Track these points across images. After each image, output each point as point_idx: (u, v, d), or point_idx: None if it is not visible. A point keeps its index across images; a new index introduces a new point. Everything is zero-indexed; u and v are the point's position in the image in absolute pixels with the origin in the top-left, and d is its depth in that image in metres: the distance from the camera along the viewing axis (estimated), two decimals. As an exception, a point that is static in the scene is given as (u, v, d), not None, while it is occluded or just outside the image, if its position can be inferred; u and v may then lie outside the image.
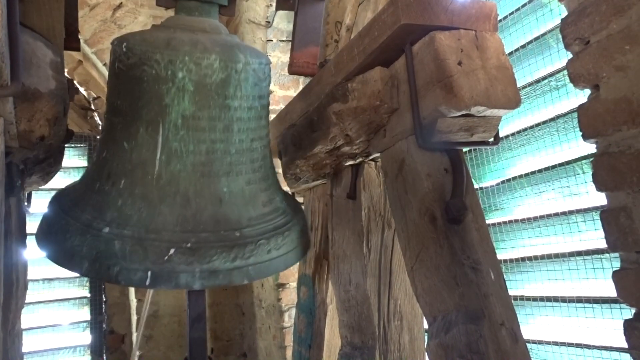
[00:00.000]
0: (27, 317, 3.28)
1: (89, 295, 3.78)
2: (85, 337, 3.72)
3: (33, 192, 1.42)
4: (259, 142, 1.20)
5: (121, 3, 3.42)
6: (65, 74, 1.19)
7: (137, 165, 1.08)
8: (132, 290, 3.90)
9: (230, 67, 1.10)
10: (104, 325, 3.82)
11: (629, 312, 0.99)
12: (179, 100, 1.06)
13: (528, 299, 1.85)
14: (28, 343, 3.33)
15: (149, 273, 1.01)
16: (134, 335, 3.88)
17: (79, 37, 1.38)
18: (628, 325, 0.97)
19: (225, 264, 1.06)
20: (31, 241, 1.24)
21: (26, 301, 1.26)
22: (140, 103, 1.07)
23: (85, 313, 3.75)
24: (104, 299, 3.86)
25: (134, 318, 3.89)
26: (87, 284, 3.80)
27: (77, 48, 1.35)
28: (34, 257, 1.45)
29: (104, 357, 3.78)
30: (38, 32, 1.08)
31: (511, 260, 1.93)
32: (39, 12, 1.05)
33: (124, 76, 1.08)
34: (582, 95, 1.11)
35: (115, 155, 1.10)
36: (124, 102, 1.09)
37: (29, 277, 1.31)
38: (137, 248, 1.02)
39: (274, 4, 3.12)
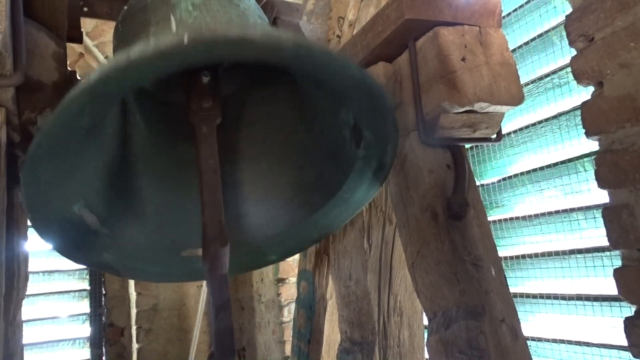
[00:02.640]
0: (27, 309, 3.29)
1: (88, 287, 3.79)
2: (85, 329, 3.73)
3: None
4: None
5: (123, -4, 3.41)
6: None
7: None
8: (131, 283, 3.91)
9: None
10: (103, 318, 3.83)
11: (629, 310, 0.99)
12: None
13: (528, 296, 1.85)
14: (27, 335, 3.33)
15: None
16: (134, 328, 3.89)
17: (81, 29, 1.38)
18: (628, 323, 0.97)
19: None
20: (32, 233, 1.24)
21: (26, 293, 1.26)
22: (146, 17, 1.00)
23: (84, 306, 3.76)
24: (104, 292, 3.87)
25: (134, 311, 3.90)
26: (87, 276, 3.80)
27: (80, 40, 1.35)
28: (34, 248, 1.45)
29: (103, 350, 3.79)
30: (41, 23, 1.08)
31: (512, 258, 1.93)
32: (42, 3, 1.04)
33: (127, 22, 1.04)
34: (585, 93, 1.10)
35: None
36: (129, 32, 1.03)
37: (29, 269, 1.31)
38: None
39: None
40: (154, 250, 1.10)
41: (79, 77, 1.18)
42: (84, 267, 3.79)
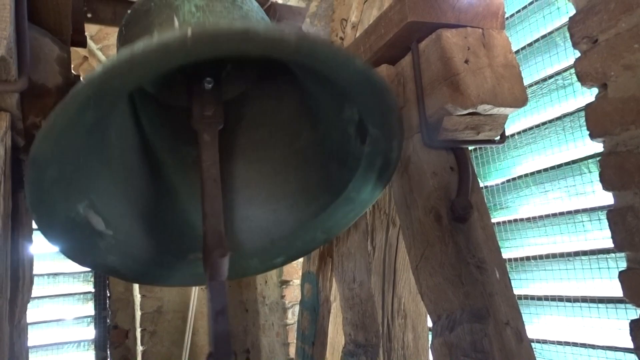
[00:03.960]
0: (32, 312, 3.31)
1: (93, 290, 3.81)
2: (90, 332, 3.74)
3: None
4: None
5: None
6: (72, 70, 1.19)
7: None
8: (136, 286, 3.92)
9: None
10: (108, 321, 3.84)
11: (634, 313, 0.99)
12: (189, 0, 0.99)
13: (533, 298, 1.84)
14: (33, 337, 3.35)
15: None
16: (138, 330, 3.90)
17: (85, 33, 1.38)
18: (634, 326, 0.96)
19: None
20: (37, 236, 1.24)
21: (31, 296, 1.27)
22: (149, 20, 1.01)
23: (89, 308, 3.77)
24: (108, 294, 3.88)
25: (138, 313, 3.91)
26: (92, 279, 3.82)
27: (84, 44, 1.35)
28: (39, 251, 1.46)
29: (108, 352, 3.80)
30: (45, 28, 1.08)
31: (516, 259, 1.93)
32: (46, 8, 1.05)
33: (131, 25, 1.04)
34: (588, 94, 1.10)
35: None
36: (133, 35, 1.03)
37: (34, 272, 1.32)
38: None
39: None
40: (158, 253, 1.10)
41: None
42: (89, 269, 3.81)
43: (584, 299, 1.64)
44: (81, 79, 1.17)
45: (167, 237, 1.12)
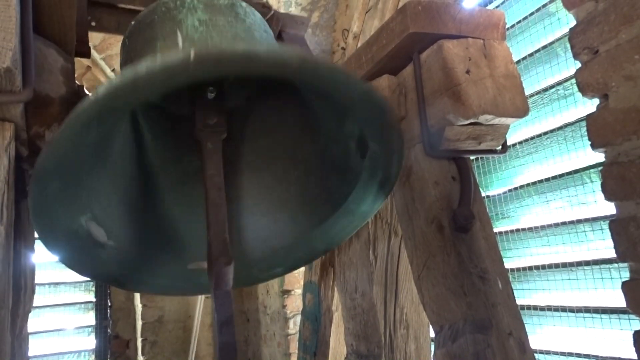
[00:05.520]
0: (33, 321, 3.29)
1: (94, 299, 3.80)
2: (90, 341, 3.73)
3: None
4: None
5: (130, 10, 3.45)
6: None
7: None
8: (137, 295, 3.91)
9: None
10: (108, 330, 3.82)
11: (638, 323, 0.98)
12: (192, 13, 1.01)
13: (535, 308, 1.83)
14: (33, 347, 3.34)
15: None
16: (139, 340, 3.89)
17: (89, 44, 1.39)
18: (638, 336, 0.96)
19: None
20: (38, 245, 1.25)
21: (32, 305, 1.26)
22: (152, 32, 1.02)
23: (90, 317, 3.76)
24: (109, 304, 3.87)
25: (139, 323, 3.89)
26: (93, 288, 3.81)
27: (88, 54, 1.36)
28: (40, 260, 1.46)
29: (109, 362, 3.78)
30: (50, 38, 1.09)
31: (518, 269, 1.92)
32: (51, 19, 1.06)
33: (135, 37, 1.05)
34: (589, 104, 1.10)
35: None
36: (136, 47, 1.04)
37: (35, 281, 1.31)
38: None
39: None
40: (159, 262, 1.11)
41: (86, 92, 1.19)
42: (90, 279, 3.81)
43: (587, 309, 1.63)
44: (85, 89, 1.18)
45: (167, 246, 1.12)
